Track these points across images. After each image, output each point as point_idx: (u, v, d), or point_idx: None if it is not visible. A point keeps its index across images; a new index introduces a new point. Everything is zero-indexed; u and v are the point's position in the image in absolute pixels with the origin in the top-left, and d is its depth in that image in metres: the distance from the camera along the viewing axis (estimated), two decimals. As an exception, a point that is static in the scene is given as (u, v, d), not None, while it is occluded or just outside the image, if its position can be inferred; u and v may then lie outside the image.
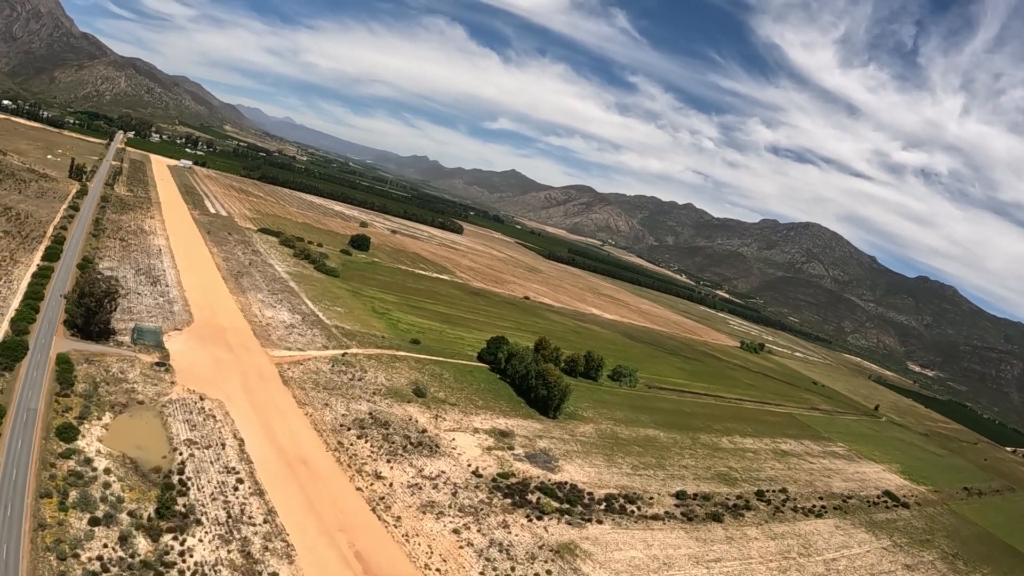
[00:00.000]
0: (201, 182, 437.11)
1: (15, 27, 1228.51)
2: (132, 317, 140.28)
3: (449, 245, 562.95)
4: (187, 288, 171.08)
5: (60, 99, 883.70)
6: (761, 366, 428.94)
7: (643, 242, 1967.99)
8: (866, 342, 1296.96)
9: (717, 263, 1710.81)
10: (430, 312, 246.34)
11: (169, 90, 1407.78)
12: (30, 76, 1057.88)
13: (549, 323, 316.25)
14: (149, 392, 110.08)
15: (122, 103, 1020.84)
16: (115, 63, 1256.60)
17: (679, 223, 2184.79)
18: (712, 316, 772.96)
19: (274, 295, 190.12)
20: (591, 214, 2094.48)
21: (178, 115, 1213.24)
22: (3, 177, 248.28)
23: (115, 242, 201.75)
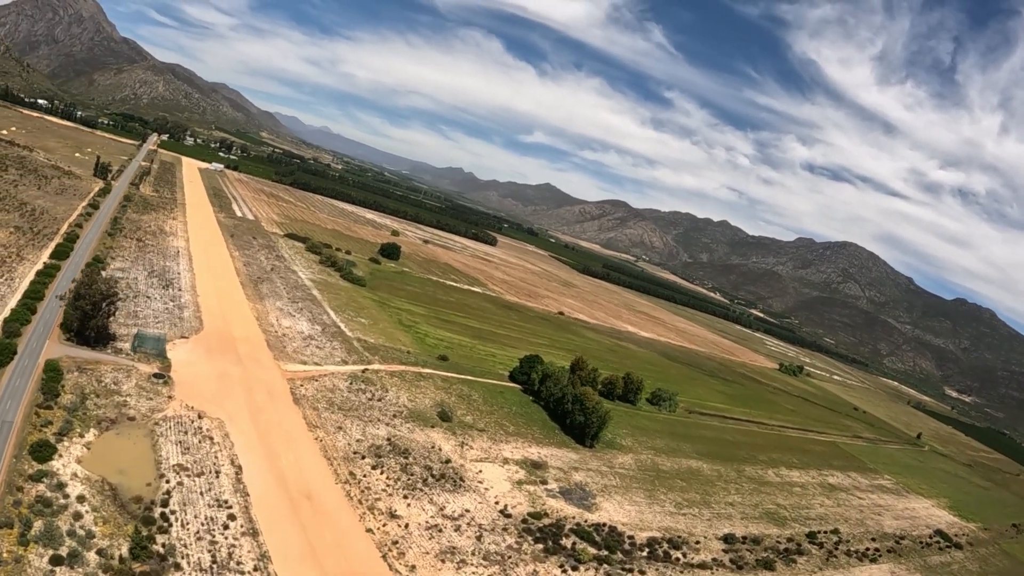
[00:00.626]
0: (231, 185, 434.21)
1: (57, 30, 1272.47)
2: (137, 322, 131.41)
3: (482, 257, 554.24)
4: (201, 293, 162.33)
5: (98, 101, 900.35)
6: (801, 390, 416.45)
7: (677, 259, 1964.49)
8: (902, 365, 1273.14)
9: (752, 281, 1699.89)
10: (460, 326, 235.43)
11: (207, 96, 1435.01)
12: (70, 78, 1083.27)
13: (584, 341, 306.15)
14: (142, 407, 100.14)
15: (159, 107, 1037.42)
16: (154, 68, 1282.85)
17: (714, 240, 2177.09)
18: (749, 336, 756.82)
19: (294, 303, 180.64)
20: (625, 229, 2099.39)
21: (215, 120, 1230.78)
22: (24, 172, 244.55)
23: (131, 242, 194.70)
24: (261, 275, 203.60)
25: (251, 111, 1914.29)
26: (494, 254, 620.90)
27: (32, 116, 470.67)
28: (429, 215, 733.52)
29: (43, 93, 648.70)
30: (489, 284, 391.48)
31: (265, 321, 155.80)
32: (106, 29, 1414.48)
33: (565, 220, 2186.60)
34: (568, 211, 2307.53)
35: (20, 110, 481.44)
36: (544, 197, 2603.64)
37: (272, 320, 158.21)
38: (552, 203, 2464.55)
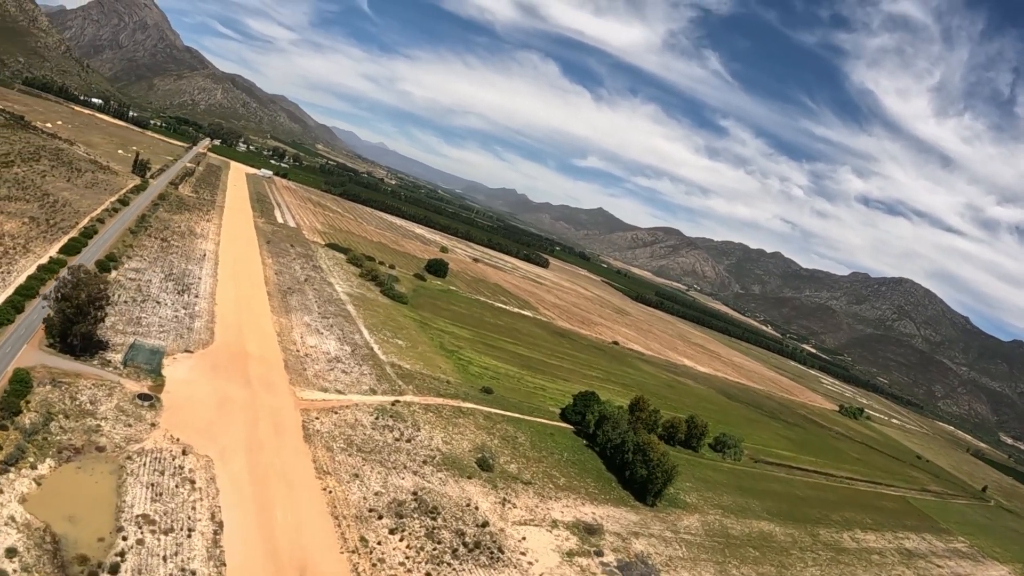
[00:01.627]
0: (277, 192, 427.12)
1: (121, 36, 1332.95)
2: (138, 330, 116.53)
3: (533, 279, 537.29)
4: (220, 301, 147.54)
5: (156, 105, 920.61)
6: (863, 435, 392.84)
7: (729, 289, 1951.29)
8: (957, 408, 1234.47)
9: (804, 316, 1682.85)
10: (508, 353, 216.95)
11: (265, 106, 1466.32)
12: (131, 82, 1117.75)
13: (641, 375, 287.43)
14: (117, 435, 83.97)
15: (215, 113, 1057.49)
16: (213, 76, 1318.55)
17: (766, 272, 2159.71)
18: (805, 374, 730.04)
19: (324, 319, 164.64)
20: (677, 257, 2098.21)
21: (271, 130, 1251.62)
22: (56, 164, 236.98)
23: (154, 241, 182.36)
24: (292, 286, 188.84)
25: (308, 123, 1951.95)
26: (546, 277, 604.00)
27: (83, 113, 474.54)
28: (480, 233, 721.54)
29: (100, 93, 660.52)
30: (540, 308, 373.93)
31: (287, 338, 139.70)
32: (169, 37, 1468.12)
33: (617, 246, 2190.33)
34: (620, 237, 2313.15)
35: (72, 106, 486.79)
36: (596, 222, 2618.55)
37: (295, 337, 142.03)
38: (604, 228, 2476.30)
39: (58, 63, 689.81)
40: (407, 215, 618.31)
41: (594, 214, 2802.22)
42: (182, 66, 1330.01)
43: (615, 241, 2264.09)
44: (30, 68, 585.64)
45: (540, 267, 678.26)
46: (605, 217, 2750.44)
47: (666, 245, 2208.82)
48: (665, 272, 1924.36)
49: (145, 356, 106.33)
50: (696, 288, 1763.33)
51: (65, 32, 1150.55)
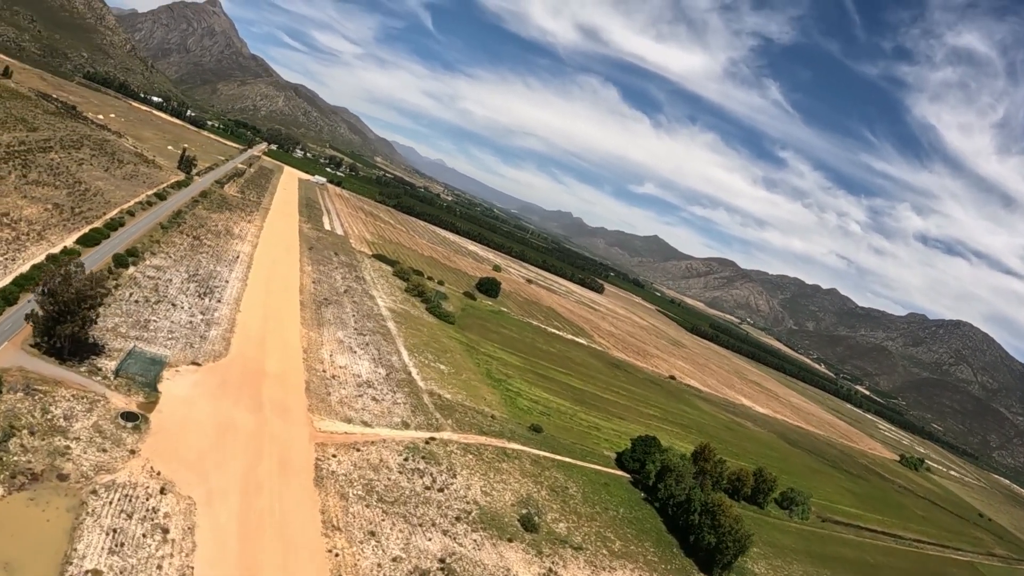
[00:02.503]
0: (328, 199, 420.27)
1: (189, 41, 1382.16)
2: (143, 334, 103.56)
3: (588, 304, 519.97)
4: (244, 308, 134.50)
5: (217, 108, 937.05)
6: (926, 490, 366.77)
7: (782, 325, 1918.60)
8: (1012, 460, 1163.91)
9: (859, 356, 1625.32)
10: (560, 385, 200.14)
11: (326, 116, 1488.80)
12: (195, 85, 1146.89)
13: (699, 414, 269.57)
14: (86, 462, 69.95)
15: (276, 120, 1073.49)
16: (276, 83, 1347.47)
17: (821, 308, 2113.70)
18: (862, 418, 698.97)
19: (360, 336, 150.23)
20: (732, 289, 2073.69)
21: (331, 140, 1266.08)
22: (98, 153, 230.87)
23: (185, 239, 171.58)
24: (330, 296, 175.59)
25: (368, 136, 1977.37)
26: (601, 302, 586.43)
27: (140, 109, 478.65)
28: (535, 254, 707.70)
29: (162, 93, 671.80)
30: (595, 336, 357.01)
31: (314, 355, 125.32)
32: (236, 44, 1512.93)
33: (671, 275, 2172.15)
34: (674, 266, 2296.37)
35: (130, 102, 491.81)
36: (651, 249, 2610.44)
37: (324, 354, 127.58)
38: (659, 256, 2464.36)
39: (122, 61, 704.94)
40: (461, 231, 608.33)
41: (649, 241, 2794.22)
42: (247, 73, 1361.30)
43: (669, 270, 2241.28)
44: (93, 64, 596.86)
45: (595, 292, 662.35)
46: (659, 245, 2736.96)
47: (720, 276, 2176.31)
48: (718, 304, 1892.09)
49: (142, 366, 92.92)
50: (749, 322, 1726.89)
51: (135, 34, 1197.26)
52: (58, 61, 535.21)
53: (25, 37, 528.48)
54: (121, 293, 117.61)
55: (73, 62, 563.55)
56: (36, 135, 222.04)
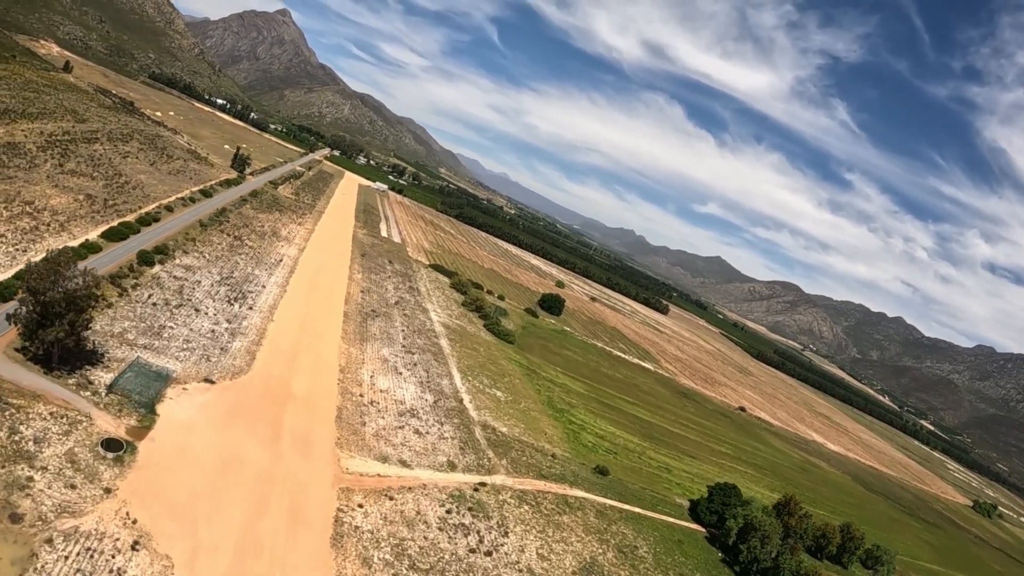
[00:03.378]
0: (387, 206, 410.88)
1: (259, 49, 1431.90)
2: (153, 342, 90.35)
3: (653, 325, 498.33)
4: (279, 318, 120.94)
5: (284, 114, 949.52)
6: (1001, 540, 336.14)
7: (846, 353, 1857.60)
8: None
9: (924, 388, 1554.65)
10: (627, 417, 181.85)
11: (391, 126, 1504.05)
12: (263, 92, 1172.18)
13: (772, 452, 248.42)
14: (48, 500, 56.18)
15: (341, 127, 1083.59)
16: (343, 92, 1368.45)
17: (886, 337, 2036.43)
18: (930, 456, 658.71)
19: (408, 354, 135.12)
20: (795, 314, 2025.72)
21: (395, 149, 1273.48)
22: (145, 148, 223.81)
23: (224, 238, 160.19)
24: (378, 308, 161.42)
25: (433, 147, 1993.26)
26: (666, 324, 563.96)
27: (202, 109, 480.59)
28: (599, 271, 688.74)
29: (229, 96, 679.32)
30: (661, 360, 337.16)
31: (352, 376, 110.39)
32: (304, 53, 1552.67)
33: (733, 297, 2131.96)
34: (737, 288, 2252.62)
35: (193, 102, 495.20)
36: (713, 270, 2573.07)
37: (364, 375, 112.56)
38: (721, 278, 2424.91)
39: (189, 64, 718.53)
40: (524, 244, 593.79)
41: (711, 262, 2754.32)
42: (314, 81, 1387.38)
43: (731, 292, 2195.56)
44: (160, 65, 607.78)
45: (660, 313, 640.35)
46: (722, 266, 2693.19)
47: (783, 300, 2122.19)
48: (780, 329, 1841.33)
49: (142, 381, 79.21)
50: (812, 349, 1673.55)
51: (206, 40, 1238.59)
52: (124, 60, 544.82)
53: (92, 36, 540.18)
54: (139, 294, 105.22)
55: (139, 62, 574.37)
56: (84, 126, 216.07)
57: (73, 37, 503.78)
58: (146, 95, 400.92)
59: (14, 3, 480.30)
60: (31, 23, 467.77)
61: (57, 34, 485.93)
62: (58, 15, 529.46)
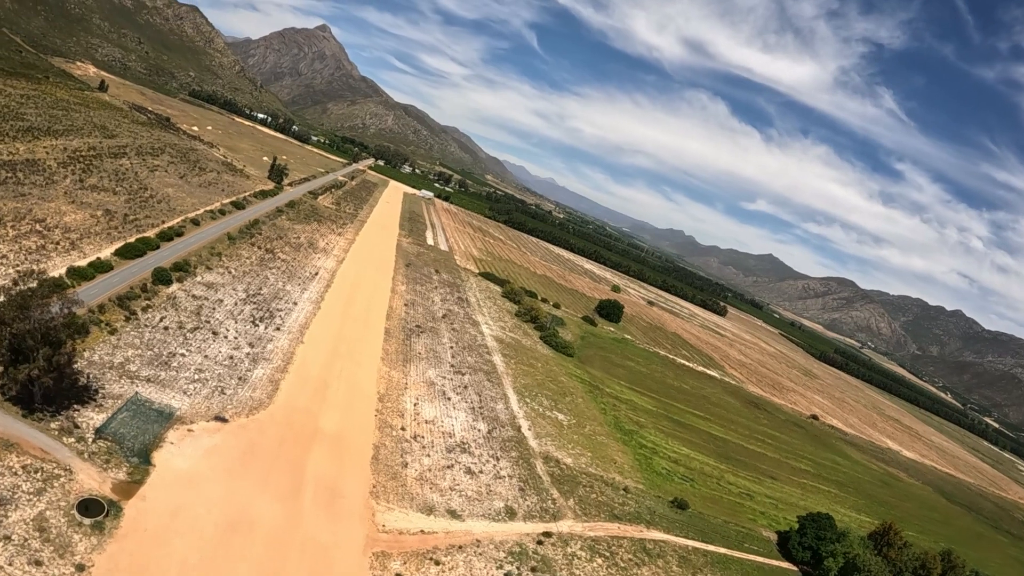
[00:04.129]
0: (434, 213, 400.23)
1: (301, 64, 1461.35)
2: (159, 374, 78.41)
3: (713, 329, 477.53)
4: (310, 339, 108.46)
5: (327, 126, 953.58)
6: None
7: (905, 349, 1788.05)
8: None
9: (986, 384, 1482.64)
10: (700, 435, 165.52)
11: (436, 135, 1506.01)
12: (306, 106, 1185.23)
13: (851, 466, 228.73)
14: (-12, 597, 43.73)
15: (385, 138, 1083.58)
16: (385, 103, 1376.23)
17: (945, 332, 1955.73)
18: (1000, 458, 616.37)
19: (458, 374, 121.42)
20: (851, 311, 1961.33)
21: (440, 157, 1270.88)
22: (176, 161, 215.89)
23: (255, 252, 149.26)
24: (423, 323, 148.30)
25: (479, 155, 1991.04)
26: (725, 327, 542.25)
27: (243, 123, 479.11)
28: (653, 274, 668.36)
29: (271, 111, 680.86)
30: (726, 366, 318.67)
31: (393, 404, 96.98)
32: (346, 67, 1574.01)
33: (787, 295, 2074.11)
34: (790, 286, 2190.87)
35: (233, 117, 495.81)
36: (765, 269, 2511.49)
37: (406, 403, 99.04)
38: (774, 276, 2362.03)
39: (230, 81, 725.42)
40: (576, 248, 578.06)
41: (763, 260, 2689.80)
42: (356, 93, 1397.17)
43: (785, 290, 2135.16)
44: (200, 83, 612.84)
45: (718, 315, 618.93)
46: (774, 264, 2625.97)
47: (839, 297, 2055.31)
48: (837, 326, 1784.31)
49: (138, 424, 66.98)
50: (870, 346, 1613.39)
51: (248, 59, 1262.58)
52: (163, 79, 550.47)
53: (131, 57, 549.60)
54: (149, 317, 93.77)
55: (179, 80, 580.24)
56: (112, 141, 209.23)
57: (112, 59, 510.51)
58: (184, 111, 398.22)
59: (51, 28, 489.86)
60: (69, 46, 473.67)
61: (95, 56, 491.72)
62: (96, 38, 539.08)
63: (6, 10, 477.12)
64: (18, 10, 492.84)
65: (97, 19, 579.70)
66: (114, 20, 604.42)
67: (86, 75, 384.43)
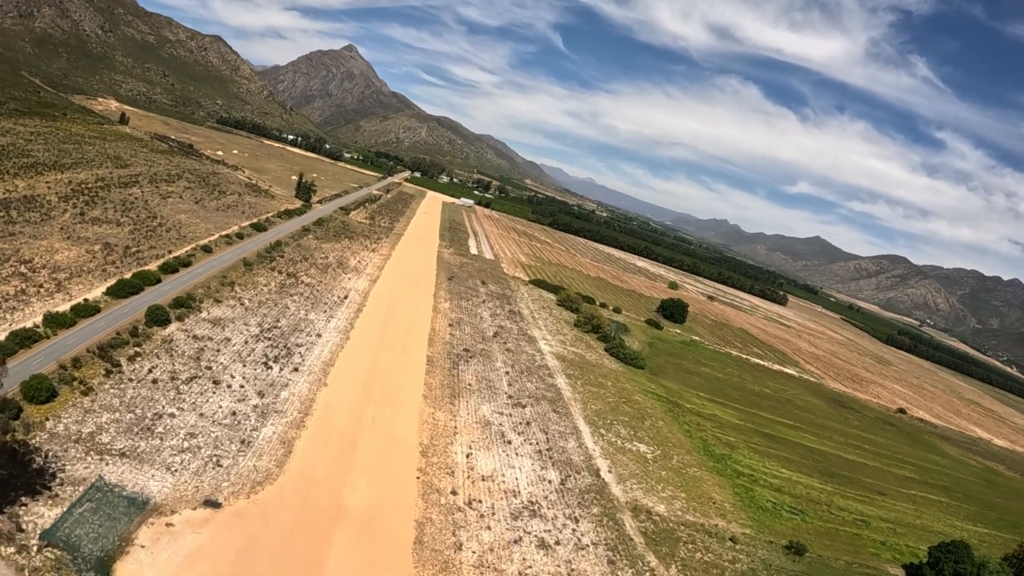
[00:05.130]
0: (476, 220, 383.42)
1: (330, 86, 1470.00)
2: (137, 445, 61.34)
3: (777, 320, 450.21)
4: (335, 381, 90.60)
5: (361, 143, 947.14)
6: None
7: (965, 324, 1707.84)
8: None
9: None
10: (795, 449, 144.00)
11: (471, 143, 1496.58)
12: (339, 126, 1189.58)
13: (951, 464, 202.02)
14: None
15: (420, 150, 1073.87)
16: (418, 116, 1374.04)
17: (1004, 303, 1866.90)
18: None
19: (517, 407, 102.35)
20: (906, 289, 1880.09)
21: (478, 165, 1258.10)
22: (193, 186, 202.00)
23: (275, 277, 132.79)
24: (472, 346, 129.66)
25: (516, 160, 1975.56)
26: (789, 317, 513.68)
27: (272, 145, 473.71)
28: (707, 266, 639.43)
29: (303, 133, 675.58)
30: (800, 361, 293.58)
31: (439, 460, 78.16)
32: (375, 84, 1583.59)
33: (839, 277, 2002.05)
34: (842, 267, 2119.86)
35: (263, 140, 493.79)
36: (814, 252, 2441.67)
37: (456, 456, 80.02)
38: (824, 258, 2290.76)
39: (260, 106, 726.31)
40: (625, 246, 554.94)
41: (811, 243, 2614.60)
42: (388, 109, 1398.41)
43: (836, 272, 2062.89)
44: (228, 110, 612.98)
45: (779, 305, 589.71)
46: (823, 246, 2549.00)
47: (892, 275, 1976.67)
48: (894, 305, 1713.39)
49: (100, 520, 49.94)
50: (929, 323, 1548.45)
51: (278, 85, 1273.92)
52: (190, 109, 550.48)
53: (156, 90, 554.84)
54: (136, 368, 77.12)
55: (206, 109, 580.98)
56: (124, 171, 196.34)
57: (136, 93, 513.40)
58: (210, 137, 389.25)
59: (73, 69, 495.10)
60: (91, 84, 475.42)
61: (119, 91, 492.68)
62: (119, 75, 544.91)
63: (27, 55, 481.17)
64: (39, 54, 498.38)
65: (120, 56, 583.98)
66: (137, 56, 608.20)
67: (107, 110, 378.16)
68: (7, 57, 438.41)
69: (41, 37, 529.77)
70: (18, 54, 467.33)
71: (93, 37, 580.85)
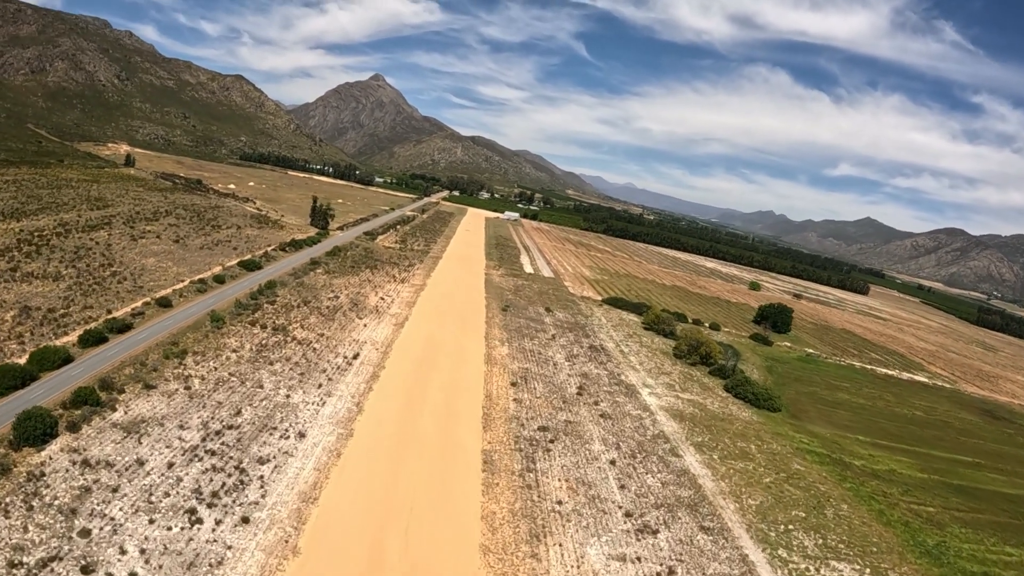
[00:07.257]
0: (524, 235, 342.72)
1: (361, 116, 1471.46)
2: None
3: (871, 314, 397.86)
4: (314, 540, 50.21)
5: (396, 169, 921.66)
6: None
7: None
8: None
9: None
10: (995, 504, 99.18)
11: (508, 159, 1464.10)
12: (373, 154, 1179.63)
13: None
14: None
15: (457, 169, 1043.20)
16: (452, 136, 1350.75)
17: None
18: None
19: (643, 538, 60.19)
20: (968, 262, 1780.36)
21: (517, 180, 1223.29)
22: (181, 222, 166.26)
23: (254, 334, 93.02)
24: (551, 419, 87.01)
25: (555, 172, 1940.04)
26: (878, 308, 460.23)
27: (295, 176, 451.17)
28: (779, 261, 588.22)
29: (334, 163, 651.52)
30: (923, 363, 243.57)
31: None
32: (406, 110, 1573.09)
33: (897, 256, 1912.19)
34: (898, 246, 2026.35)
35: (286, 171, 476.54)
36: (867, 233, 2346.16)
37: None
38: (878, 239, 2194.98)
39: (287, 140, 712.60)
40: (688, 247, 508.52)
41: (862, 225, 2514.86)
42: (421, 133, 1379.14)
43: (893, 252, 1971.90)
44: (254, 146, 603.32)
45: (862, 295, 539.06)
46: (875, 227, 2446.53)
47: (952, 249, 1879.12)
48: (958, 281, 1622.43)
49: None
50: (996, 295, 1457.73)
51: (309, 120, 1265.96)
52: (211, 148, 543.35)
53: (176, 133, 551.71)
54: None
55: (228, 147, 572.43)
56: (98, 213, 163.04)
57: (153, 136, 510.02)
58: (226, 172, 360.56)
59: (87, 118, 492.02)
60: (106, 132, 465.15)
61: (135, 137, 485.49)
62: (137, 120, 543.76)
63: (37, 108, 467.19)
64: (51, 107, 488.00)
65: (137, 102, 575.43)
66: (156, 101, 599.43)
67: (115, 154, 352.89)
68: (15, 112, 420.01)
69: (55, 91, 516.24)
70: (27, 108, 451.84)
71: (109, 86, 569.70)
